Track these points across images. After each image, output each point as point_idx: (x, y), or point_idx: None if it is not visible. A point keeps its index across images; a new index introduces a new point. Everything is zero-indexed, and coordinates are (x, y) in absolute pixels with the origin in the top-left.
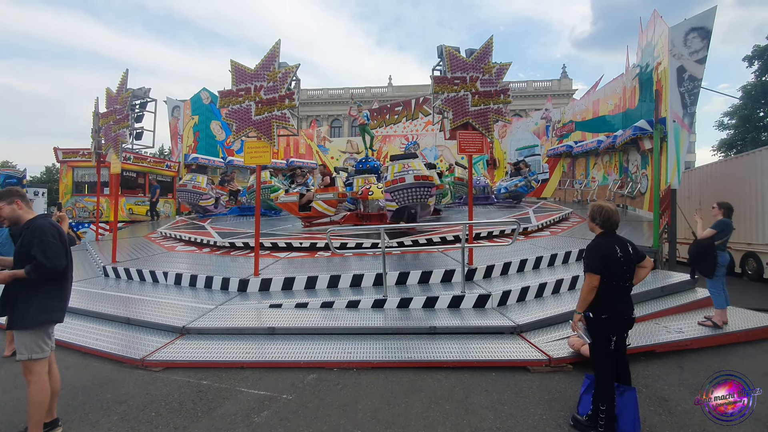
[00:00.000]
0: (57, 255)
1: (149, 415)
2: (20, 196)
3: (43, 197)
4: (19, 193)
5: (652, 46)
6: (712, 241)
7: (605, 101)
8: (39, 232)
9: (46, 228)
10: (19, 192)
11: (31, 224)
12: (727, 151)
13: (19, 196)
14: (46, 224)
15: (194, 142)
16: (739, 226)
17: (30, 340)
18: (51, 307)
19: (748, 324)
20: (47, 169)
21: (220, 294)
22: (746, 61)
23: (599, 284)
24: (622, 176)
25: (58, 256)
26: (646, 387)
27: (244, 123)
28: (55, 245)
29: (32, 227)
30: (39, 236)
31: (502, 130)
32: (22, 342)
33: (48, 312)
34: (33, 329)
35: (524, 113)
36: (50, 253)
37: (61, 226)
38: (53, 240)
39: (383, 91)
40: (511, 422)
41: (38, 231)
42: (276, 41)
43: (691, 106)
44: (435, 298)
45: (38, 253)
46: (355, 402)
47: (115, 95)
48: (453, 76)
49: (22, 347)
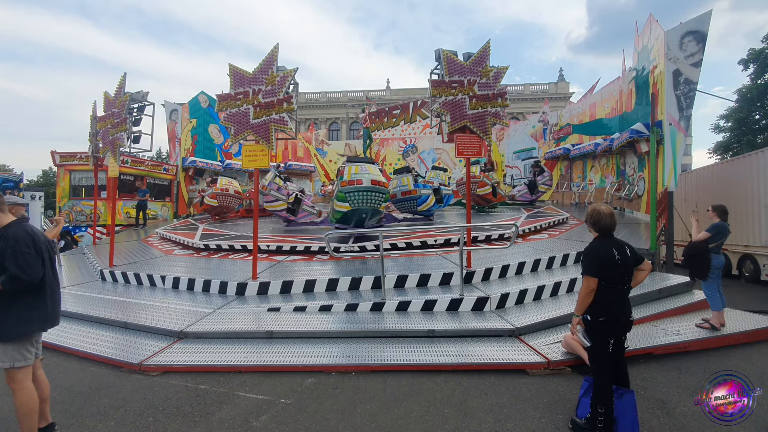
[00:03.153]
0: (32, 266)
1: (146, 420)
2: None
3: (40, 201)
4: None
5: (648, 50)
6: (705, 243)
7: (602, 104)
8: (12, 241)
9: (19, 237)
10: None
11: (5, 232)
12: (724, 154)
13: None
14: (20, 233)
15: (192, 146)
16: (736, 229)
17: (12, 349)
18: (31, 318)
19: (745, 326)
20: (44, 172)
21: (218, 298)
22: (741, 65)
23: (597, 287)
24: (620, 179)
25: (34, 267)
26: (644, 389)
27: (243, 126)
28: (30, 255)
29: (6, 235)
30: (12, 246)
31: (500, 133)
32: (4, 350)
33: (28, 323)
34: (14, 341)
35: (522, 116)
36: (24, 265)
37: (53, 229)
38: (27, 250)
39: (381, 94)
40: (510, 425)
41: (11, 240)
42: (274, 45)
43: (687, 109)
44: (433, 301)
45: (11, 264)
46: (354, 406)
47: (113, 99)
48: (451, 79)
49: (4, 356)
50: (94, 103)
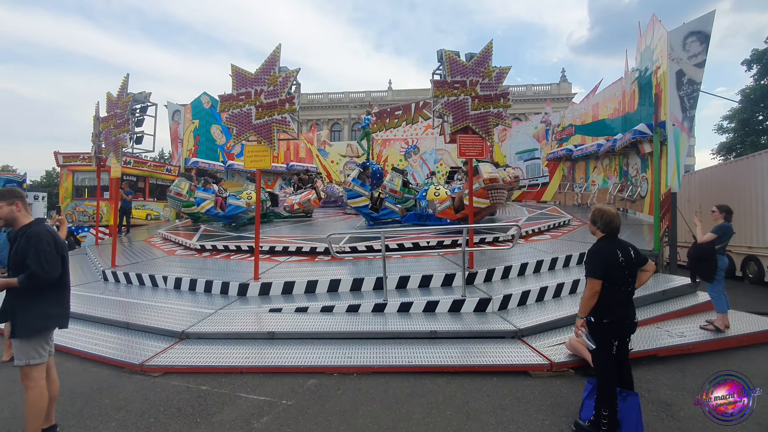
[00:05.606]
0: (52, 264)
1: (148, 420)
2: (21, 199)
3: (43, 201)
4: (21, 195)
5: (651, 50)
6: (711, 245)
7: (605, 105)
8: (35, 239)
9: (42, 235)
10: (21, 194)
11: (27, 230)
12: (727, 155)
13: (20, 199)
14: (43, 231)
15: (195, 146)
16: (740, 230)
17: (28, 346)
18: (51, 315)
19: (750, 328)
20: (47, 173)
21: (220, 298)
22: (745, 65)
23: (601, 289)
24: (622, 180)
25: (53, 266)
26: (648, 392)
27: (245, 127)
28: (51, 254)
29: (28, 234)
30: (35, 244)
31: (502, 133)
32: (20, 347)
33: (48, 319)
34: (34, 337)
35: (524, 117)
36: (45, 263)
37: (59, 230)
38: (49, 249)
39: (383, 95)
40: (513, 428)
41: (34, 239)
42: (276, 46)
43: (690, 110)
44: (436, 302)
45: (33, 262)
46: (356, 408)
47: (115, 99)
48: (453, 80)
49: (20, 353)
50: (96, 104)
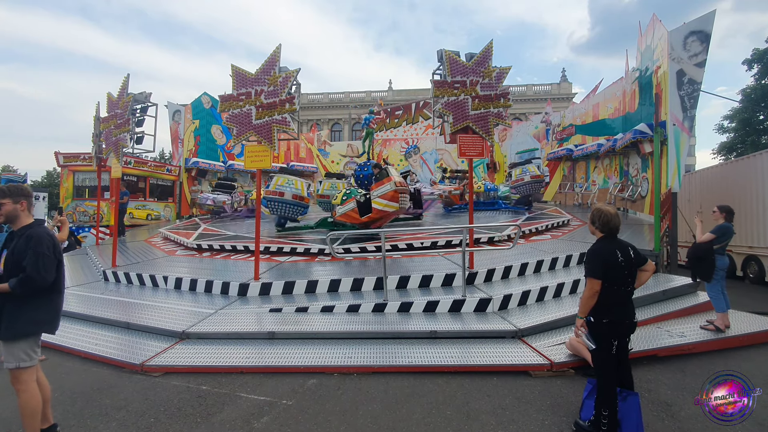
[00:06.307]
0: (48, 269)
1: (148, 420)
2: (27, 198)
3: (43, 201)
4: (28, 194)
5: (651, 50)
6: (710, 244)
7: (605, 105)
8: (35, 242)
9: (43, 239)
10: (28, 194)
11: (27, 231)
12: (728, 155)
13: (26, 198)
14: (44, 234)
15: (195, 147)
16: (740, 230)
17: (18, 349)
18: (40, 320)
19: (750, 328)
20: (48, 173)
21: (220, 298)
22: (746, 65)
23: (600, 289)
24: (623, 179)
25: (49, 271)
26: (648, 392)
27: (245, 127)
28: (48, 258)
29: (28, 235)
30: (34, 246)
31: (502, 133)
32: (10, 351)
33: (37, 324)
34: (22, 340)
35: (524, 117)
36: (42, 267)
37: (61, 230)
38: (48, 252)
39: (383, 95)
40: (513, 428)
41: (34, 240)
42: (277, 46)
43: (690, 110)
44: (436, 302)
45: (31, 264)
46: (356, 408)
47: (116, 100)
48: (453, 80)
49: (10, 356)
50: (97, 104)
